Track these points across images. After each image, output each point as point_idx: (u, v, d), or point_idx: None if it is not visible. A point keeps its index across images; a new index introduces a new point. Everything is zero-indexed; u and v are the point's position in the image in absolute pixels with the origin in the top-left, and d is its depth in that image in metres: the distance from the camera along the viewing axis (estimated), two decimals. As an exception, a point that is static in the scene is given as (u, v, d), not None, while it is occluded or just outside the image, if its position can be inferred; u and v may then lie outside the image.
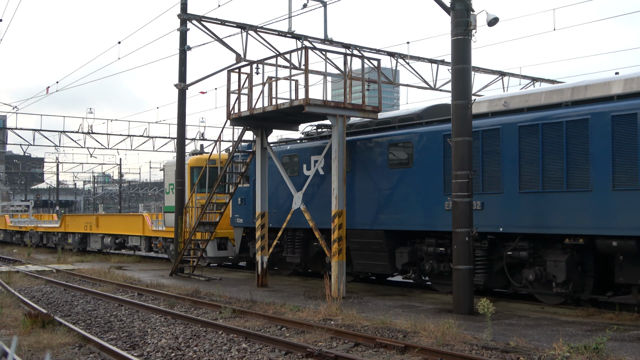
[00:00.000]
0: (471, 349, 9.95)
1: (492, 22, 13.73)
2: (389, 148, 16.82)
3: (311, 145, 19.28)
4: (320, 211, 17.91)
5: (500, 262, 14.62)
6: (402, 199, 16.29)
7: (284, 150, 20.19)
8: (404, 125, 16.81)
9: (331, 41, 23.12)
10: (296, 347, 10.15)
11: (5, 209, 54.89)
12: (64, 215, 37.67)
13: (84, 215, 37.47)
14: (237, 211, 22.11)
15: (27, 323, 12.09)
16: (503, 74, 29.07)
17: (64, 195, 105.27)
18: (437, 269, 15.76)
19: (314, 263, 20.17)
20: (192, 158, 25.74)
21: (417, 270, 16.63)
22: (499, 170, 14.31)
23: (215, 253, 23.88)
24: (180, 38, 22.30)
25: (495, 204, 14.34)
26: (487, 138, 14.54)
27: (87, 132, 44.11)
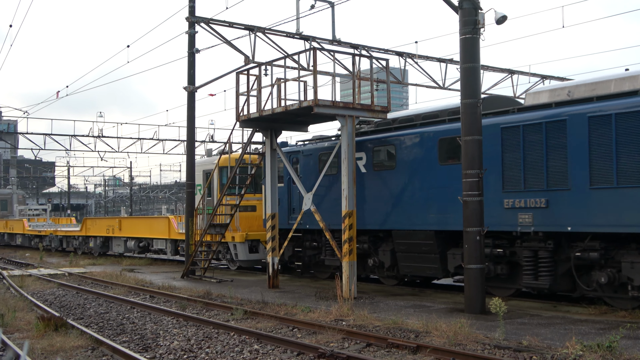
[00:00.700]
0: (483, 348, 9.92)
1: (501, 20, 13.70)
2: (438, 143, 15.84)
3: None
4: (363, 210, 17.47)
5: (567, 264, 13.65)
6: (456, 197, 14.91)
7: (321, 147, 19.41)
8: (455, 119, 15.59)
9: (339, 42, 23.11)
10: (308, 348, 10.15)
11: (22, 213, 53.81)
12: (84, 219, 36.96)
13: (105, 218, 36.66)
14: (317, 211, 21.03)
15: (40, 326, 12.15)
16: (512, 72, 28.97)
17: (75, 198, 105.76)
18: (493, 271, 14.64)
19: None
20: (222, 158, 24.53)
21: None
22: (565, 164, 13.29)
23: (247, 256, 23.03)
24: (189, 41, 22.36)
25: (562, 201, 13.33)
26: (551, 130, 13.53)
27: (98, 135, 44.33)
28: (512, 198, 14.16)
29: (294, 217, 19.68)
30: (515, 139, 14.13)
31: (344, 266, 15.88)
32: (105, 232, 33.28)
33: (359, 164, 17.61)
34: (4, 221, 49.51)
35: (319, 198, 18.65)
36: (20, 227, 44.32)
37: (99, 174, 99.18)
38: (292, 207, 19.45)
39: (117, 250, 32.83)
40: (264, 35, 21.91)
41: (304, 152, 19.75)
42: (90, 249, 35.26)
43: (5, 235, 48.40)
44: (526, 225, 13.87)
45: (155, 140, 46.79)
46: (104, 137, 44.68)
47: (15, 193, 59.35)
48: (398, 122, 17.52)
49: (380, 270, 18.07)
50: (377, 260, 17.79)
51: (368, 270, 18.61)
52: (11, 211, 56.41)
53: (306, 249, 20.15)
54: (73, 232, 37.57)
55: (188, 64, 22.61)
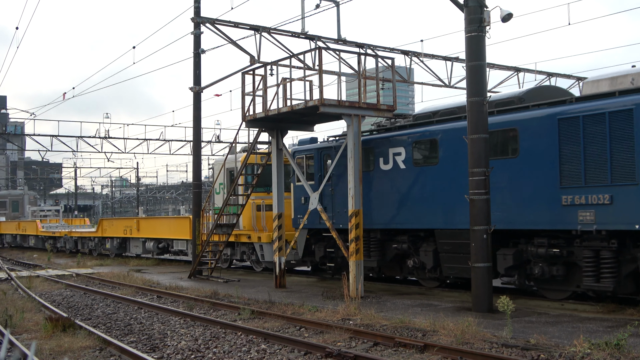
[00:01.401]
0: (491, 347, 9.90)
1: (506, 18, 13.67)
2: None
3: (390, 137, 17.38)
4: (402, 209, 16.78)
5: (632, 265, 12.80)
6: (505, 194, 14.33)
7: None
8: (503, 111, 14.83)
9: (345, 41, 23.09)
10: (315, 348, 10.16)
11: (35, 214, 52.58)
12: (101, 219, 36.16)
13: (123, 219, 35.39)
14: (300, 211, 19.94)
15: (48, 327, 12.19)
16: (518, 69, 28.88)
17: (82, 199, 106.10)
18: (548, 272, 13.86)
19: (391, 267, 18.37)
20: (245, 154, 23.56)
21: (521, 275, 14.66)
22: (632, 157, 12.32)
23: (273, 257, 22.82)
24: (194, 41, 22.40)
25: (629, 197, 12.39)
26: (615, 121, 12.59)
27: (104, 136, 44.40)
28: (571, 194, 13.18)
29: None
30: (574, 130, 13.16)
31: (350, 265, 15.88)
32: (122, 233, 32.48)
33: (397, 160, 16.85)
34: (16, 222, 48.57)
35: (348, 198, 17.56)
36: (34, 229, 43.49)
37: (105, 175, 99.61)
38: (323, 206, 18.47)
39: (134, 251, 32.05)
40: (269, 35, 21.91)
41: (337, 148, 18.48)
42: (106, 251, 34.60)
43: (17, 236, 47.56)
44: (587, 224, 12.93)
45: (161, 140, 46.85)
46: (111, 138, 44.77)
47: (26, 194, 58.11)
48: (439, 114, 16.67)
49: (421, 272, 17.19)
50: (418, 261, 16.92)
51: (406, 272, 17.80)
52: (22, 212, 55.25)
53: (338, 250, 18.79)
54: (89, 234, 36.80)
55: (194, 65, 22.65)
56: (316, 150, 19.49)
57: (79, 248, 37.85)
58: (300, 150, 20.15)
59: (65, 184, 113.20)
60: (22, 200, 56.51)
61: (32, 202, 58.33)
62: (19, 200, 56.63)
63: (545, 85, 16.06)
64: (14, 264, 32.37)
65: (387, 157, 17.25)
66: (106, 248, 34.51)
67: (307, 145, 20.15)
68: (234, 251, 24.09)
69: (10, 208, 55.75)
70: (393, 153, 17.07)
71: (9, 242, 49.58)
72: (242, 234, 22.82)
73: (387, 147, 17.29)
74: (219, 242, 21.36)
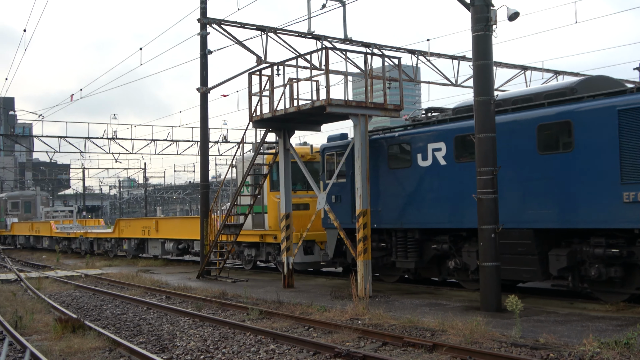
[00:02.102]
0: (500, 346, 9.89)
1: (513, 17, 13.65)
2: (537, 130, 14.02)
3: (429, 131, 16.54)
4: (443, 207, 15.96)
5: None
6: (559, 190, 13.55)
7: (390, 137, 17.60)
8: (555, 102, 14.00)
9: (351, 40, 23.09)
10: (324, 348, 10.17)
11: (48, 215, 51.19)
12: (117, 220, 35.41)
13: (141, 219, 34.34)
14: (331, 210, 18.74)
15: (58, 328, 12.25)
16: (525, 68, 28.83)
17: (90, 200, 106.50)
18: (605, 274, 13.07)
19: (429, 269, 17.49)
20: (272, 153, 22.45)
21: (575, 277, 13.84)
22: None
23: (302, 258, 20.97)
24: (201, 42, 22.45)
25: None
26: None
27: (112, 137, 44.53)
28: (633, 190, 12.35)
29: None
30: (636, 122, 12.38)
31: (358, 265, 15.88)
32: (140, 233, 31.63)
33: (437, 156, 16.04)
34: (30, 223, 47.61)
35: (383, 195, 17.49)
36: (48, 230, 42.71)
37: (113, 176, 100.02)
38: (355, 204, 17.57)
39: (153, 252, 31.27)
40: (275, 35, 21.94)
41: (371, 143, 17.73)
42: (123, 252, 33.92)
43: (31, 238, 46.70)
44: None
45: (169, 141, 46.95)
46: (118, 139, 44.89)
47: (39, 195, 56.76)
48: None
49: (462, 274, 16.34)
50: (459, 262, 16.05)
51: (445, 273, 16.96)
52: (35, 213, 54.28)
53: (373, 250, 17.76)
54: (105, 234, 35.97)
55: (200, 65, 22.70)
56: (349, 147, 18.23)
57: (94, 249, 37.27)
58: (330, 146, 19.33)
59: (73, 185, 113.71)
60: (34, 201, 55.63)
61: (45, 202, 57.02)
62: (32, 201, 55.71)
63: (598, 76, 15.21)
64: (23, 265, 32.51)
65: (426, 153, 16.41)
66: (123, 249, 33.73)
67: (338, 142, 19.26)
68: (259, 252, 23.14)
69: (22, 209, 54.90)
70: (432, 149, 16.22)
71: (22, 244, 48.95)
72: (268, 234, 21.81)
73: (425, 143, 16.45)
74: (226, 242, 21.39)
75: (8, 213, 54.12)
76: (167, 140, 46.89)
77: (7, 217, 53.68)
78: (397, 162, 17.28)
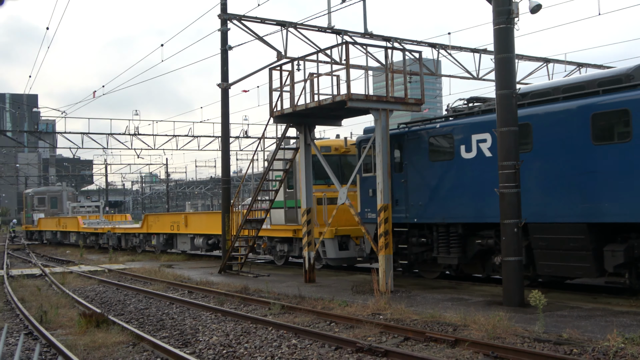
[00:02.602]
0: (523, 341, 9.83)
1: (535, 9, 13.53)
2: (592, 119, 13.31)
3: (473, 122, 15.79)
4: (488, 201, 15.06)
5: None
6: (617, 183, 12.83)
7: (431, 128, 16.85)
8: (610, 90, 13.29)
9: (371, 35, 23.04)
10: (346, 343, 10.18)
11: (75, 210, 50.98)
12: (146, 215, 35.02)
13: (170, 214, 34.11)
14: (369, 204, 18.33)
15: (82, 323, 12.38)
16: (547, 60, 28.59)
17: (112, 195, 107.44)
18: None
19: (472, 265, 16.88)
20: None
21: (632, 273, 13.11)
22: None
23: (337, 254, 20.45)
24: (222, 38, 22.51)
25: None
26: None
27: (134, 133, 44.84)
28: None
29: (397, 210, 17.39)
30: None
31: (380, 260, 15.86)
32: (169, 229, 31.29)
33: (482, 147, 15.33)
34: (56, 219, 47.60)
35: (424, 188, 16.83)
36: (75, 225, 42.66)
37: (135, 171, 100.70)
38: (394, 198, 17.17)
39: (182, 248, 30.97)
40: (295, 30, 21.94)
41: (409, 135, 17.28)
42: (151, 247, 33.69)
43: (57, 233, 46.77)
44: None
45: (190, 137, 47.20)
46: (140, 134, 45.20)
47: (65, 190, 56.18)
48: (530, 96, 15.00)
49: None
50: None
51: (489, 269, 16.23)
52: (61, 209, 54.15)
53: (412, 246, 17.49)
54: (133, 230, 35.77)
55: (221, 61, 22.77)
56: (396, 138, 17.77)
57: (122, 245, 37.20)
58: (368, 138, 18.27)
59: (96, 181, 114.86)
60: (60, 197, 55.18)
61: (71, 198, 56.38)
62: (58, 196, 55.16)
63: None
64: (47, 260, 32.89)
65: (470, 145, 15.66)
66: (152, 245, 33.49)
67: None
68: (292, 247, 22.71)
69: (49, 205, 54.58)
70: (477, 140, 15.51)
71: (48, 239, 48.82)
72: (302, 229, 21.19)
73: (469, 134, 15.69)
74: (248, 237, 21.47)
75: (35, 209, 53.99)
76: (188, 135, 47.14)
77: (33, 212, 53.55)
78: (439, 155, 16.59)
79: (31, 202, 54.66)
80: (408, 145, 17.33)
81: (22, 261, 32.49)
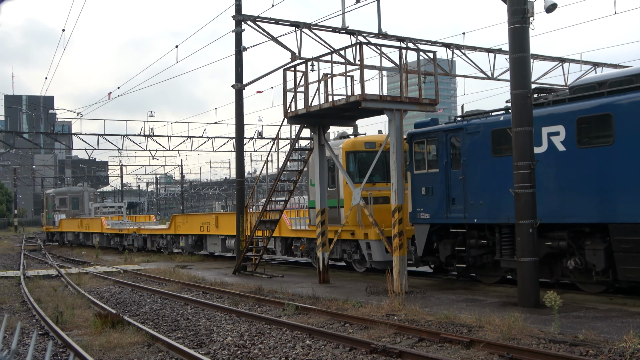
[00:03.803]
0: (538, 342, 9.77)
1: (550, 9, 13.46)
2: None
3: (543, 113, 14.54)
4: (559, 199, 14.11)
5: None
6: None
7: (494, 122, 15.60)
8: None
9: (385, 35, 23.00)
10: (360, 343, 10.16)
11: (98, 211, 49.98)
12: (173, 215, 34.11)
13: (199, 215, 32.95)
14: (421, 204, 17.45)
15: (98, 323, 12.44)
16: (563, 60, 28.41)
17: (128, 196, 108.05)
18: None
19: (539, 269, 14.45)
20: (347, 141, 20.92)
21: None
22: None
23: (383, 256, 18.96)
24: (236, 39, 22.57)
25: None
26: None
27: (149, 135, 45.07)
28: None
29: (455, 210, 16.48)
30: None
31: (394, 260, 15.83)
32: (198, 230, 30.35)
33: (554, 141, 14.16)
34: (79, 220, 46.34)
35: (484, 186, 15.81)
36: (98, 226, 41.55)
37: (150, 172, 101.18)
38: (451, 197, 16.41)
39: (212, 249, 30.06)
40: (309, 31, 21.94)
41: (469, 129, 16.18)
42: (179, 249, 32.92)
43: (80, 234, 45.68)
44: None
45: (204, 138, 47.42)
46: (155, 136, 45.44)
47: (86, 190, 55.01)
48: (608, 84, 13.76)
49: (584, 275, 14.28)
50: (581, 261, 14.01)
51: (559, 274, 14.85)
52: (82, 209, 53.03)
53: (471, 248, 16.30)
54: (160, 231, 34.67)
55: (235, 62, 22.83)
56: (442, 133, 16.96)
57: (148, 246, 36.31)
58: (420, 133, 17.64)
59: (111, 182, 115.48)
60: (81, 197, 53.80)
61: (93, 198, 55.01)
62: (79, 197, 53.95)
63: None
64: (63, 261, 33.10)
65: (539, 138, 14.34)
66: (179, 246, 32.67)
67: (430, 127, 17.56)
68: (333, 249, 20.83)
69: (70, 205, 53.23)
70: (547, 133, 14.31)
71: (70, 240, 47.67)
72: (345, 230, 19.78)
73: (539, 126, 14.25)
74: (262, 237, 21.49)
75: (56, 209, 52.83)
76: (203, 137, 47.36)
77: (55, 213, 52.46)
78: (503, 149, 15.30)
79: (52, 203, 53.52)
80: (467, 139, 16.20)
81: (38, 262, 32.72)
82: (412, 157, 17.79)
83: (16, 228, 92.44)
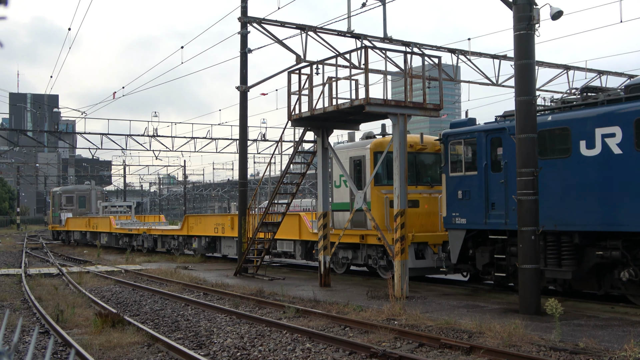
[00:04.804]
0: (539, 350, 9.75)
1: (556, 16, 13.45)
2: None
3: (597, 113, 13.67)
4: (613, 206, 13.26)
5: None
6: None
7: (540, 121, 14.10)
8: None
9: (391, 39, 23.01)
10: (360, 347, 10.15)
11: (106, 210, 48.72)
12: (186, 216, 33.12)
13: (213, 216, 32.28)
14: (457, 208, 16.63)
15: (98, 322, 12.44)
16: (568, 67, 28.40)
17: (130, 196, 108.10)
18: None
19: (586, 280, 14.36)
20: (375, 141, 20.04)
21: None
22: None
23: (414, 263, 18.23)
24: (241, 41, 22.60)
25: None
26: None
27: (153, 135, 45.14)
28: None
29: (494, 215, 15.61)
30: None
31: (395, 265, 15.81)
32: (212, 231, 29.22)
33: (609, 143, 13.26)
34: (86, 219, 44.89)
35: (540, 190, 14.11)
36: (107, 226, 40.36)
37: (153, 173, 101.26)
38: (490, 201, 15.62)
39: (226, 252, 29.01)
40: (315, 34, 21.97)
41: (511, 129, 14.88)
42: (191, 250, 31.96)
43: (87, 234, 44.50)
44: None
45: (208, 139, 47.47)
46: (159, 136, 45.52)
47: (94, 189, 53.85)
48: None
49: (637, 287, 13.43)
50: (636, 272, 13.11)
51: (607, 286, 14.00)
52: (90, 208, 51.94)
53: (511, 256, 15.25)
54: (172, 232, 33.63)
55: (240, 64, 22.85)
56: (481, 133, 16.12)
57: (158, 247, 35.34)
58: (458, 133, 16.79)
59: (114, 181, 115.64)
60: (89, 196, 52.69)
61: (100, 197, 53.82)
62: (86, 195, 52.78)
63: None
64: (65, 260, 33.11)
65: (592, 140, 13.57)
66: (192, 247, 31.64)
67: (468, 127, 16.70)
68: (356, 254, 20.56)
69: (77, 204, 51.91)
70: (602, 134, 13.43)
71: (77, 240, 46.52)
72: (371, 235, 19.08)
73: (591, 127, 13.58)
74: (264, 239, 21.49)
75: (62, 208, 51.80)
76: (206, 138, 47.43)
77: (61, 212, 51.41)
78: (551, 151, 14.48)
79: (59, 201, 52.31)
80: (509, 140, 15.23)
81: (39, 260, 32.74)
82: (448, 159, 16.93)
83: (18, 226, 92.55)
